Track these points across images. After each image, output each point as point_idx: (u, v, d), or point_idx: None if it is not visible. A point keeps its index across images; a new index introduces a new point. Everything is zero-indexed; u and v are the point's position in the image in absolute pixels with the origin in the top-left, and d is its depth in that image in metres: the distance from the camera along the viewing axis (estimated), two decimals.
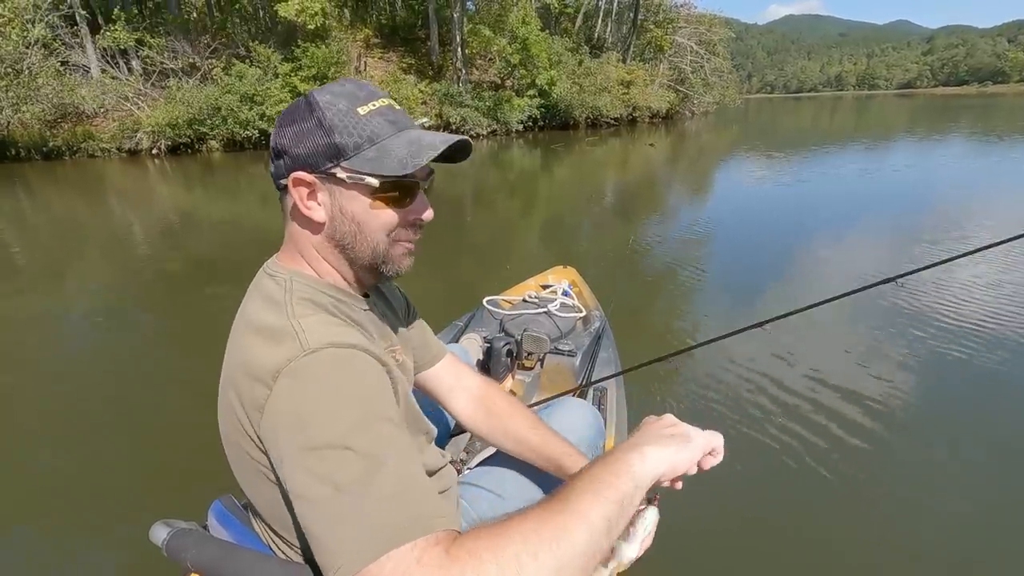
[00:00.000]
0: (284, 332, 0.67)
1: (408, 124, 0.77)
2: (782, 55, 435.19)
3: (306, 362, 0.63)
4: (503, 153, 16.18)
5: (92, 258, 5.80)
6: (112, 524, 1.88)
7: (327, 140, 0.70)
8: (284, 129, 0.73)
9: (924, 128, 19.88)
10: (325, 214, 0.75)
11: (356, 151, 0.71)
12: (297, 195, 0.73)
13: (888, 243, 5.27)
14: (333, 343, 0.66)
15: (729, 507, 1.91)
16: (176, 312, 4.09)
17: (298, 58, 16.87)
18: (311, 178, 0.72)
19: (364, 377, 0.66)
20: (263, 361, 0.65)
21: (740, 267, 4.71)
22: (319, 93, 0.73)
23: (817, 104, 68.73)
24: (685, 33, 31.63)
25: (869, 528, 1.82)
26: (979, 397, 2.61)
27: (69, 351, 3.53)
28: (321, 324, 0.70)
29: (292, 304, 0.71)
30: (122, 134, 15.85)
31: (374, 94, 0.75)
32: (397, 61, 23.20)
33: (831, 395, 2.60)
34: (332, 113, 0.71)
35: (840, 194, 7.89)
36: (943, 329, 3.25)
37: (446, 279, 4.49)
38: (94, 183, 11.86)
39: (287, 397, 0.62)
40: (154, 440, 2.37)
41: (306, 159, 0.71)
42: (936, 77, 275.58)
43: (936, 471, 2.12)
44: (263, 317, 0.71)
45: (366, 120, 0.72)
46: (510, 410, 1.07)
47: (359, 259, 0.78)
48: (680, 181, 10.83)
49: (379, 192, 0.73)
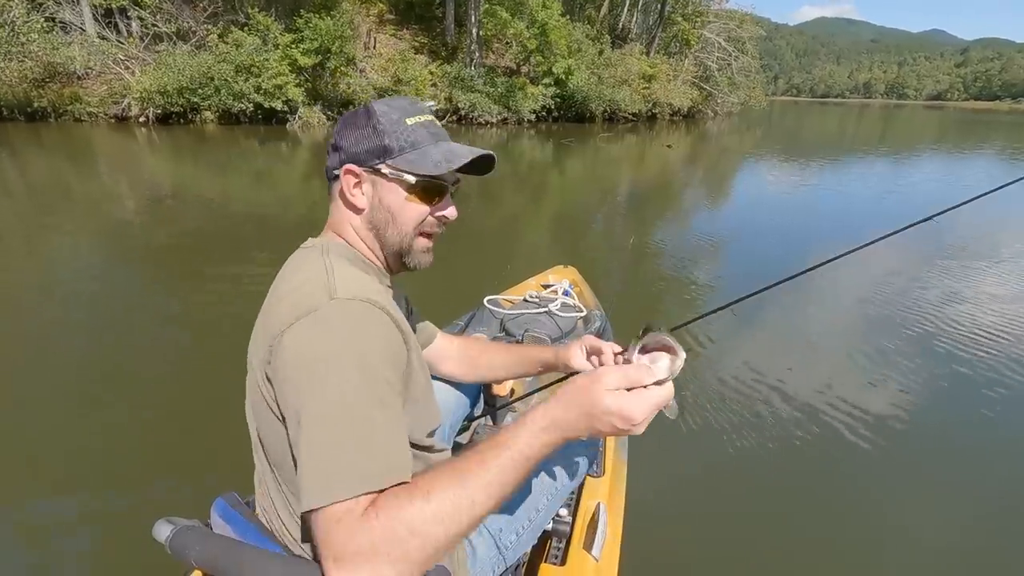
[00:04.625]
0: (317, 280, 0.75)
1: (446, 137, 0.90)
2: (811, 58, 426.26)
3: (331, 308, 0.71)
4: (513, 144, 15.38)
5: (78, 233, 5.45)
6: (115, 522, 1.86)
7: (378, 142, 0.84)
8: (346, 131, 0.87)
9: (952, 142, 19.39)
10: (367, 202, 0.87)
11: (400, 153, 0.84)
12: (346, 183, 0.86)
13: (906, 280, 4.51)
14: (358, 296, 0.73)
15: (723, 505, 1.98)
16: (175, 302, 3.83)
17: (300, 29, 15.88)
18: (359, 171, 0.86)
19: (379, 334, 0.72)
20: (292, 301, 0.73)
21: (746, 279, 4.58)
22: (378, 104, 0.87)
23: (843, 111, 68.12)
24: (714, 28, 30.22)
25: (865, 528, 1.87)
26: (979, 396, 2.75)
27: (56, 335, 3.28)
28: (353, 277, 0.79)
29: (329, 255, 0.82)
30: (111, 99, 15.01)
31: (422, 110, 0.89)
32: (410, 39, 22.10)
33: (831, 392, 2.71)
34: (385, 120, 0.85)
35: (867, 213, 7.19)
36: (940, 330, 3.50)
37: (447, 277, 4.51)
38: (80, 150, 11.21)
39: (304, 335, 0.69)
40: (156, 437, 2.31)
41: (358, 155, 0.85)
42: (968, 90, 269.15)
43: (932, 474, 2.21)
44: (296, 275, 0.80)
45: (412, 129, 0.86)
46: (482, 347, 1.32)
47: (389, 244, 0.90)
48: (695, 187, 10.18)
49: (414, 188, 0.86)
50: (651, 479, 1.98)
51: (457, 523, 0.62)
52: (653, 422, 0.70)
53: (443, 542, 0.61)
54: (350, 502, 0.60)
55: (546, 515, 1.10)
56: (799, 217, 7.17)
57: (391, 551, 0.58)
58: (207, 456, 2.14)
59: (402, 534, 0.59)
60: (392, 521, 0.59)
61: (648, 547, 1.70)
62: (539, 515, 1.07)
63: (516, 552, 1.03)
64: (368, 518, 0.59)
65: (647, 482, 1.91)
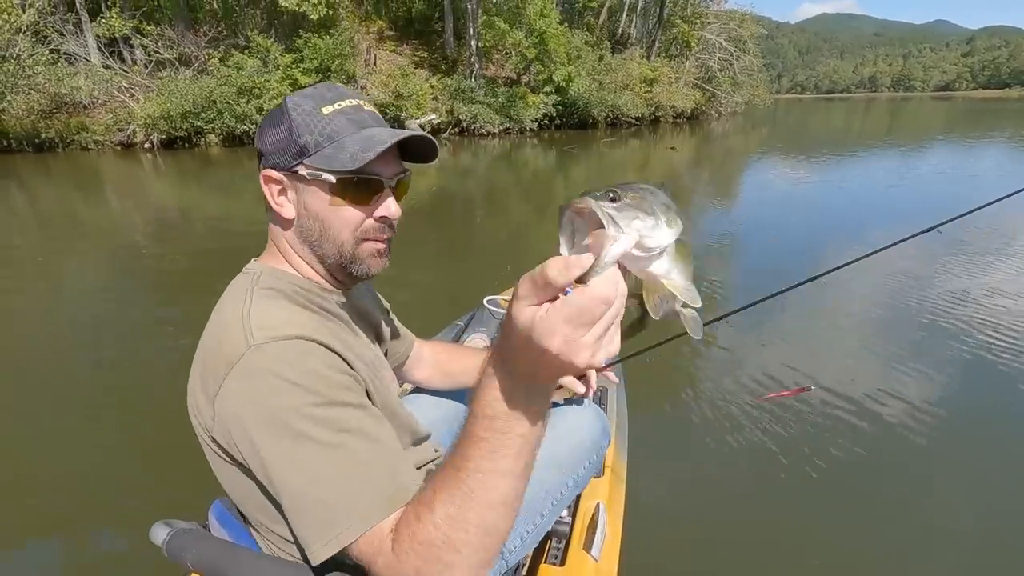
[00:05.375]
0: (234, 328, 0.67)
1: (372, 123, 0.77)
2: (814, 55, 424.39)
3: (250, 359, 0.64)
4: (515, 153, 15.39)
5: (85, 255, 5.71)
6: (111, 525, 1.86)
7: (292, 139, 0.73)
8: (264, 132, 0.77)
9: (960, 132, 18.96)
10: (294, 211, 0.77)
11: (317, 149, 0.73)
12: (268, 192, 0.77)
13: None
14: (277, 336, 0.66)
15: (724, 505, 1.95)
16: (173, 311, 3.96)
17: (299, 49, 16.02)
18: (280, 176, 0.76)
19: (307, 365, 0.65)
20: (215, 358, 0.67)
21: (745, 278, 4.59)
22: (291, 96, 0.76)
23: (849, 106, 67.63)
24: (714, 29, 30.10)
25: (866, 529, 1.84)
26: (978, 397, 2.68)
27: (64, 349, 3.42)
28: (272, 314, 0.70)
29: (252, 295, 0.73)
30: (116, 126, 15.22)
31: (343, 95, 0.77)
32: (410, 54, 22.24)
33: (833, 393, 2.65)
34: (297, 113, 0.74)
35: (877, 212, 6.86)
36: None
37: (447, 278, 4.55)
38: (87, 178, 11.40)
39: (235, 395, 0.64)
40: (153, 440, 2.33)
41: (276, 158, 0.75)
42: (976, 79, 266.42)
43: (937, 475, 2.14)
44: (221, 314, 0.73)
45: (328, 119, 0.74)
46: (451, 353, 1.24)
47: (327, 256, 0.79)
48: (699, 189, 9.97)
49: (339, 189, 0.74)
50: (651, 479, 1.99)
51: (479, 516, 0.56)
52: (653, 410, 0.58)
53: (483, 537, 0.56)
54: (367, 536, 0.59)
55: (550, 519, 1.08)
56: (804, 218, 6.93)
57: (439, 569, 0.56)
58: (205, 458, 2.15)
59: (437, 551, 0.56)
60: (418, 546, 0.56)
61: (648, 547, 1.70)
62: (543, 520, 1.05)
63: (518, 556, 1.03)
64: (395, 551, 0.58)
65: (647, 482, 1.92)
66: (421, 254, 5.35)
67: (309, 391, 0.63)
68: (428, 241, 5.99)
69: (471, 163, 13.56)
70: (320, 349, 0.68)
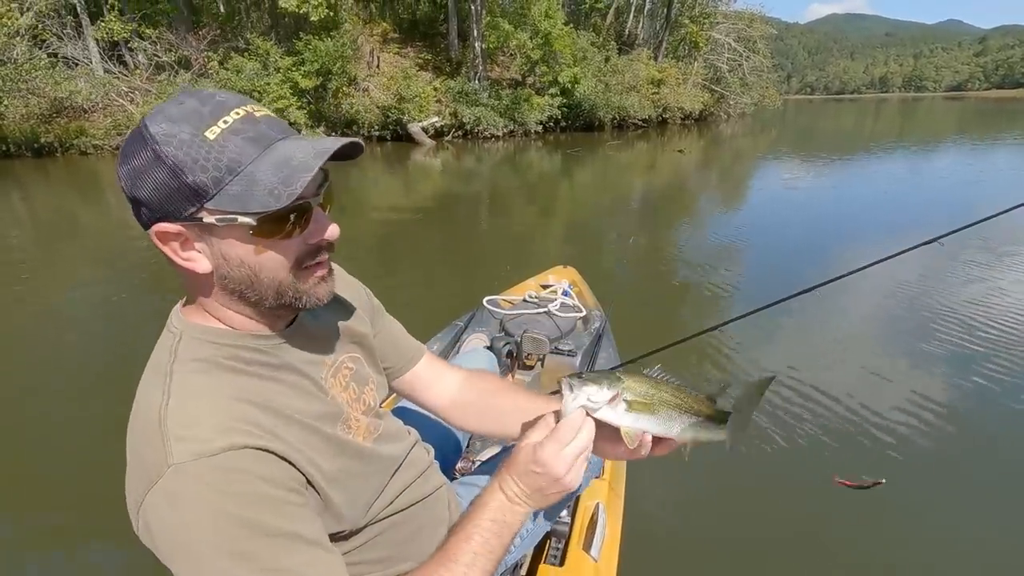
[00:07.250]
0: (152, 434, 0.59)
1: (275, 135, 0.60)
2: (824, 55, 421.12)
3: (170, 481, 0.56)
4: (519, 156, 15.17)
5: (84, 259, 5.74)
6: (111, 524, 1.75)
7: (177, 181, 0.56)
8: (132, 176, 0.58)
9: (972, 135, 18.66)
10: (209, 262, 0.63)
11: (217, 187, 0.57)
12: (169, 250, 0.61)
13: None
14: (199, 453, 0.57)
15: (723, 506, 1.96)
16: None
17: (300, 52, 15.81)
18: (177, 228, 0.60)
19: (233, 488, 0.57)
20: (137, 463, 0.61)
21: (748, 282, 4.55)
22: (152, 121, 0.57)
23: (860, 107, 67.24)
24: (723, 29, 29.66)
25: (866, 531, 1.83)
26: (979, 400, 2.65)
27: (63, 352, 3.46)
28: (192, 413, 0.60)
29: (171, 380, 0.62)
30: (115, 130, 15.06)
31: (223, 106, 0.59)
32: (414, 56, 21.96)
33: (834, 395, 2.65)
34: (174, 147, 0.56)
35: (884, 220, 6.52)
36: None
37: (447, 278, 4.58)
38: (86, 182, 11.39)
39: (156, 519, 0.58)
40: None
41: (163, 207, 0.58)
42: (989, 79, 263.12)
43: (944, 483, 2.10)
44: (141, 403, 0.64)
45: (219, 145, 0.57)
46: (497, 386, 1.05)
47: (264, 301, 0.66)
48: (707, 193, 9.75)
49: (260, 229, 0.60)
50: (651, 480, 1.98)
51: None
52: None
53: None
54: None
55: (548, 521, 1.08)
56: (810, 223, 6.66)
57: None
58: None
59: None
60: None
61: (647, 548, 1.72)
62: (542, 521, 1.04)
63: (515, 556, 1.03)
64: None
65: (646, 483, 1.94)
66: (421, 255, 5.42)
67: (233, 524, 0.56)
68: (427, 241, 6.03)
69: (474, 166, 13.31)
70: (248, 458, 0.58)
